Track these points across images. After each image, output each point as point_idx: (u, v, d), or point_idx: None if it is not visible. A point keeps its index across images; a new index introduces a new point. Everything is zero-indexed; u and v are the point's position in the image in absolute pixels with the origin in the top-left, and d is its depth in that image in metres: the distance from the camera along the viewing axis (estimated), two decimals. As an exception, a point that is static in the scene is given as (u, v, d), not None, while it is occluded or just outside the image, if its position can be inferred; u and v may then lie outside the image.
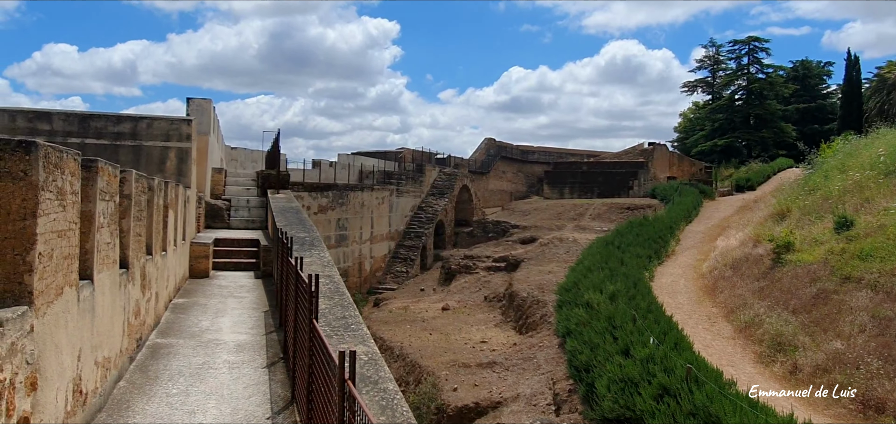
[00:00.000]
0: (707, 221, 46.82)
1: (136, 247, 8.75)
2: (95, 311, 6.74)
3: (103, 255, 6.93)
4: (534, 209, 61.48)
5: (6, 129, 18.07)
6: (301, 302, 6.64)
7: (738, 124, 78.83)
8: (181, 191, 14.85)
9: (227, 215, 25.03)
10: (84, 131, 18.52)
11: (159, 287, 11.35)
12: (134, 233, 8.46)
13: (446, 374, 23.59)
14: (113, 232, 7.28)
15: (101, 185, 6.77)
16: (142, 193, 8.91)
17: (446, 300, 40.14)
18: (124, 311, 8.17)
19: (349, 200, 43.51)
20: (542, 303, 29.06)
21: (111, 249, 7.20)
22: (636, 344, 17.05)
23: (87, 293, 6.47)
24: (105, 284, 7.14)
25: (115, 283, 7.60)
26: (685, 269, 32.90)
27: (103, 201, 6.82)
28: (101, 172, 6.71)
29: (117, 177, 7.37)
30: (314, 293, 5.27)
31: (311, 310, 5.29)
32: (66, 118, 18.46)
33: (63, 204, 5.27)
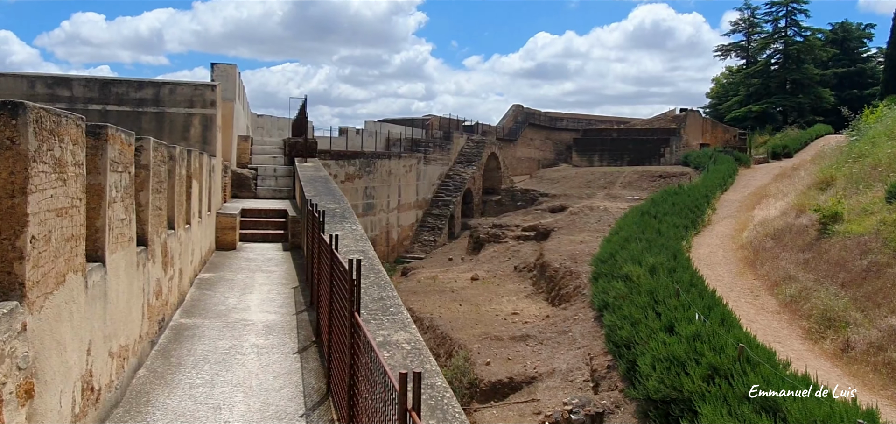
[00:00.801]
0: (743, 189, 45.59)
1: (156, 222, 8.12)
2: (108, 297, 6.09)
3: (117, 233, 6.28)
4: (562, 177, 60.47)
5: (25, 95, 17.46)
6: (338, 288, 5.93)
7: (773, 90, 76.75)
8: (206, 160, 14.19)
9: (253, 185, 24.43)
10: (105, 98, 17.92)
11: (183, 263, 10.74)
12: (153, 207, 7.81)
13: (478, 347, 22.96)
14: (128, 207, 6.59)
15: (111, 155, 6.07)
16: (161, 162, 8.23)
17: (475, 269, 39.50)
18: (144, 293, 7.54)
19: (376, 168, 42.85)
20: (575, 274, 28.28)
21: (126, 225, 6.51)
22: (681, 321, 16.24)
23: (98, 278, 5.80)
24: (120, 265, 6.54)
25: (131, 263, 7.02)
26: (723, 239, 31.91)
27: (115, 172, 6.16)
28: (111, 139, 6.02)
29: (132, 145, 6.66)
30: (356, 283, 4.55)
31: (351, 300, 4.58)
32: (87, 84, 17.86)
33: (63, 177, 4.56)
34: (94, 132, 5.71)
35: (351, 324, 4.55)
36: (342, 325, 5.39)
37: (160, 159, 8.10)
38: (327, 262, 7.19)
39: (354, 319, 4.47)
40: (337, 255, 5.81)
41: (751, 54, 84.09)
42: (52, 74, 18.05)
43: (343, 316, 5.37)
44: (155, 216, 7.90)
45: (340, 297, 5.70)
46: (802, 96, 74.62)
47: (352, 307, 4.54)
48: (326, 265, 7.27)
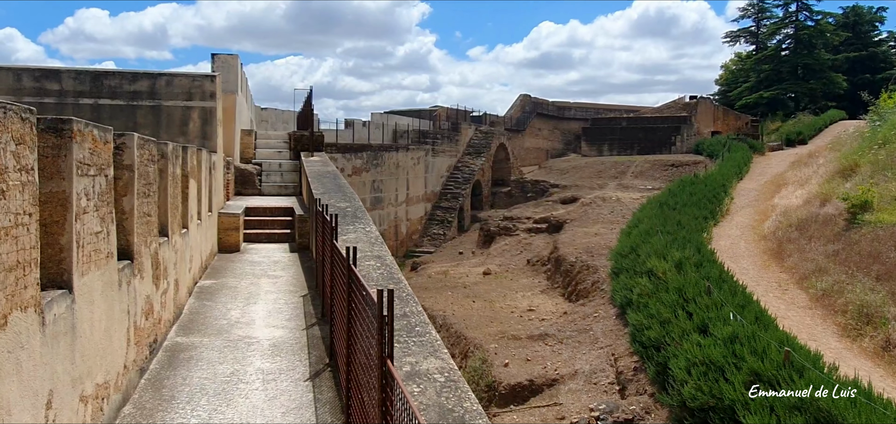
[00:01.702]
0: (759, 177, 44.53)
1: (144, 230, 7.12)
2: (78, 329, 5.05)
3: (90, 250, 5.25)
4: (572, 167, 59.44)
5: (11, 89, 16.46)
6: (359, 314, 4.93)
7: (785, 75, 75.42)
8: (205, 156, 13.11)
9: (258, 181, 23.38)
10: (97, 91, 16.84)
11: (180, 272, 9.74)
12: (140, 213, 6.80)
13: (495, 347, 21.99)
14: (105, 216, 5.55)
15: (79, 155, 4.98)
16: (149, 162, 7.16)
17: (487, 263, 38.61)
18: (129, 315, 6.51)
19: (384, 161, 41.84)
20: (592, 268, 27.27)
21: (103, 239, 5.47)
22: (715, 321, 15.20)
23: (62, 309, 4.72)
24: (94, 288, 5.49)
25: (110, 282, 5.97)
26: (743, 230, 30.85)
27: (86, 176, 5.11)
28: (78, 137, 4.91)
29: (109, 143, 5.59)
30: (386, 321, 3.50)
31: (382, 342, 3.55)
32: (77, 77, 16.77)
33: (1, 187, 3.53)
34: (56, 128, 4.66)
35: (382, 374, 3.54)
36: (366, 362, 4.38)
37: (148, 158, 7.05)
38: (343, 277, 6.20)
39: (387, 368, 3.46)
40: (359, 277, 4.75)
41: (761, 40, 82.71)
42: (40, 67, 17.00)
43: (366, 352, 4.37)
44: (142, 224, 6.86)
45: (362, 326, 4.70)
46: (814, 82, 73.32)
47: (382, 352, 3.53)
48: (342, 279, 6.29)
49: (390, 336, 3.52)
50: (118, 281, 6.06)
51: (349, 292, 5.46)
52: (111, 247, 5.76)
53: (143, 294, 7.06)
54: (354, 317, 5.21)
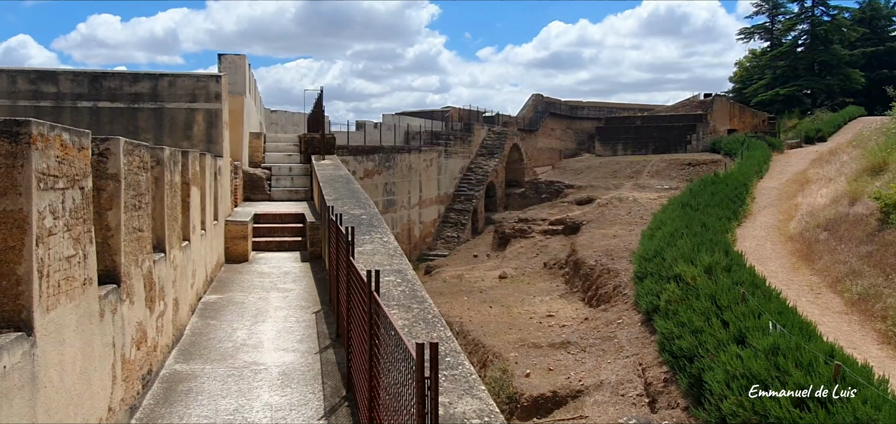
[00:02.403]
0: (780, 176, 43.55)
1: (135, 248, 6.33)
2: (40, 379, 4.12)
3: (58, 278, 4.39)
4: (586, 167, 58.53)
5: (5, 92, 15.63)
6: (385, 355, 4.07)
7: (801, 72, 74.27)
8: (209, 161, 12.22)
9: (267, 186, 22.53)
10: (96, 93, 15.96)
11: (180, 290, 8.90)
12: (129, 229, 6.01)
13: (515, 356, 21.12)
14: (82, 236, 4.67)
15: (42, 165, 4.09)
16: (140, 170, 6.37)
17: (502, 267, 37.81)
18: (114, 348, 5.63)
19: (396, 163, 41.02)
20: (613, 272, 26.37)
21: (78, 264, 4.62)
22: (753, 330, 14.25)
23: (15, 358, 3.79)
24: (65, 324, 4.57)
25: (89, 314, 5.06)
26: (768, 230, 29.87)
27: (52, 190, 4.24)
28: (39, 142, 4.01)
29: (85, 149, 4.73)
30: (430, 382, 2.63)
31: (421, 410, 2.67)
32: (75, 78, 15.89)
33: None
34: (9, 132, 3.76)
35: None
36: (397, 418, 3.51)
37: (138, 166, 6.17)
38: (362, 302, 5.35)
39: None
40: (389, 316, 3.83)
41: (775, 36, 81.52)
42: (36, 69, 16.17)
43: (396, 406, 3.51)
44: (132, 241, 5.99)
45: (389, 368, 3.84)
46: (831, 78, 72.15)
47: (424, 408, 2.66)
48: (361, 304, 5.45)
49: (434, 405, 2.67)
50: (99, 311, 5.16)
51: (371, 323, 4.62)
52: (89, 272, 4.89)
53: (133, 321, 6.18)
54: (379, 355, 4.37)
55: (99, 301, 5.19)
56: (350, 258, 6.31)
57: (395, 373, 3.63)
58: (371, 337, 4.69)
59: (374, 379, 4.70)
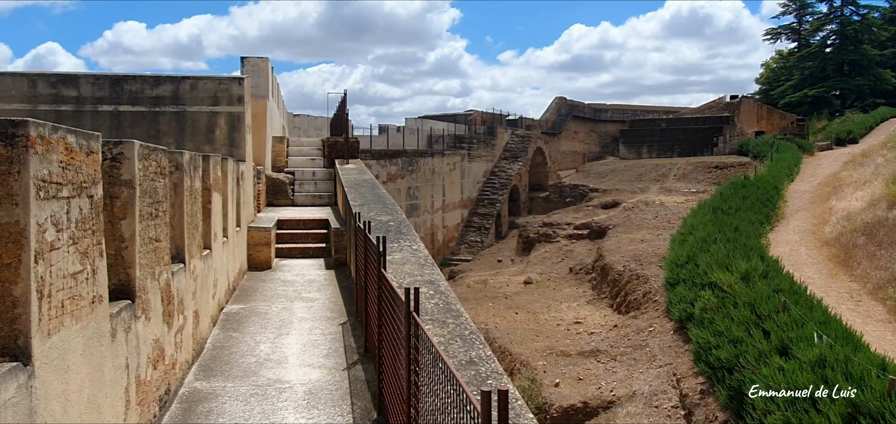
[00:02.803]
0: (811, 178, 42.68)
1: (152, 259, 5.89)
2: (39, 413, 3.61)
3: (62, 297, 3.95)
4: (610, 171, 57.84)
5: (26, 96, 15.33)
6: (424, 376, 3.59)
7: (830, 73, 73.00)
8: (231, 166, 11.78)
9: (290, 191, 22.13)
10: (117, 97, 15.59)
11: (201, 302, 8.46)
12: (145, 239, 5.57)
13: (543, 364, 20.58)
14: (91, 249, 4.21)
15: (42, 171, 3.61)
16: (157, 175, 5.94)
17: (527, 272, 37.30)
18: (127, 370, 5.17)
19: (419, 167, 40.60)
20: (642, 278, 25.73)
21: (86, 280, 4.21)
22: (797, 341, 13.62)
23: (9, 393, 3.30)
24: (70, 348, 4.11)
25: (98, 335, 4.59)
26: (802, 235, 29.10)
27: (54, 199, 3.78)
28: (38, 145, 3.52)
29: (96, 154, 4.29)
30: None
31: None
32: (96, 82, 15.54)
33: None
34: (3, 133, 3.31)
35: None
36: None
37: (155, 171, 5.73)
38: (396, 320, 4.88)
39: None
40: (443, 356, 3.32)
41: (803, 37, 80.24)
42: (57, 73, 15.85)
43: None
44: (148, 252, 5.57)
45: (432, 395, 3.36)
46: (861, 78, 70.85)
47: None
48: (393, 320, 4.98)
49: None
50: (111, 331, 4.69)
51: (410, 347, 4.14)
52: (99, 288, 4.43)
53: (149, 339, 5.73)
54: (419, 382, 3.89)
55: (110, 320, 4.73)
56: (382, 271, 5.83)
57: (442, 412, 3.15)
58: (409, 361, 4.22)
59: (413, 407, 4.22)
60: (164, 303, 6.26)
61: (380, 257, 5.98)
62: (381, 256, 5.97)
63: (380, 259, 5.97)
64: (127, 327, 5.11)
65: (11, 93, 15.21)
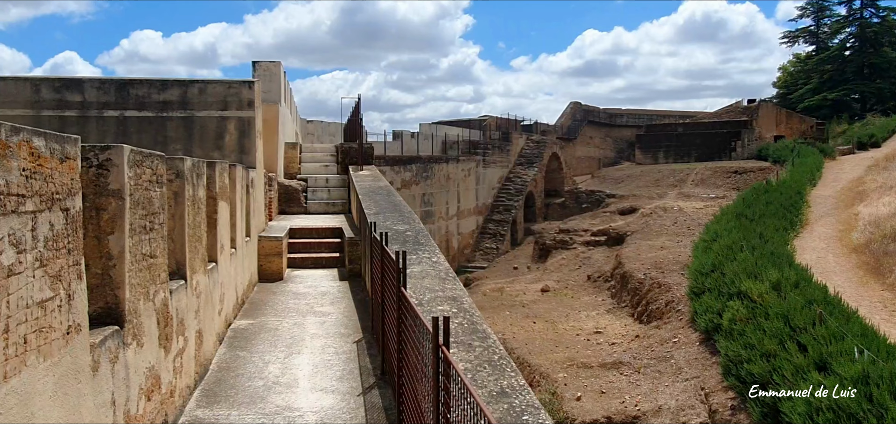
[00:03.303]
0: (834, 183, 41.82)
1: (145, 277, 5.26)
2: None
3: (24, 332, 3.29)
4: (627, 176, 57.09)
5: (29, 101, 14.80)
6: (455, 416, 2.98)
7: (849, 76, 71.85)
8: (240, 173, 11.15)
9: (303, 198, 21.55)
10: (123, 102, 15.01)
11: (204, 320, 7.96)
12: (137, 256, 4.98)
13: (564, 376, 19.90)
14: (65, 272, 3.54)
15: None
16: (152, 184, 5.32)
17: (544, 279, 36.64)
18: (113, 408, 4.57)
19: (433, 173, 40.00)
20: (664, 286, 25.02)
21: (57, 309, 3.55)
22: (836, 356, 12.90)
23: None
24: (35, 392, 3.44)
25: (73, 371, 3.93)
26: (828, 242, 28.28)
27: (14, 215, 3.15)
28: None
29: (73, 160, 3.65)
30: None
31: None
32: (101, 86, 14.97)
33: None
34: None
35: None
36: None
37: (150, 179, 5.10)
38: (418, 345, 4.28)
39: None
40: (478, 400, 2.71)
41: (822, 40, 79.16)
42: (61, 77, 15.30)
43: None
44: (141, 270, 4.96)
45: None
46: (882, 81, 69.71)
47: None
48: (416, 347, 4.37)
49: None
50: (92, 363, 4.05)
51: (438, 385, 3.52)
52: (75, 316, 3.79)
53: (141, 368, 5.06)
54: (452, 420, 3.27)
55: (91, 351, 4.11)
56: (402, 290, 5.23)
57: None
58: (437, 400, 3.61)
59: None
60: (161, 325, 5.64)
61: (399, 275, 5.36)
62: (400, 273, 5.35)
63: (399, 276, 5.35)
64: (113, 357, 4.49)
65: (14, 98, 14.71)
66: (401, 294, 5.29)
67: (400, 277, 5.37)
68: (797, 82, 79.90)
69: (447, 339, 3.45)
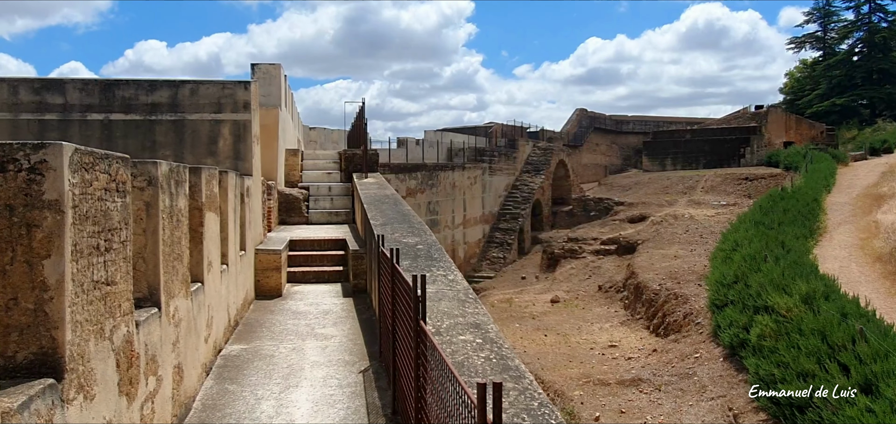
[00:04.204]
0: (848, 190, 40.84)
1: (97, 312, 4.18)
2: None
3: None
4: (634, 183, 56.11)
5: (6, 104, 13.71)
6: None
7: (859, 81, 70.97)
8: (233, 180, 10.03)
9: (304, 208, 20.49)
10: (108, 104, 13.86)
11: (185, 352, 6.86)
12: (85, 285, 3.93)
13: (580, 394, 18.85)
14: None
15: None
16: (110, 194, 4.25)
17: (553, 290, 35.68)
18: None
19: (439, 181, 39.01)
20: (681, 298, 24.02)
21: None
22: (883, 376, 11.85)
23: None
24: None
25: None
26: (850, 250, 27.25)
27: None
28: None
29: None
30: None
31: None
32: (84, 88, 13.81)
33: None
34: None
35: None
36: None
37: (105, 188, 4.03)
38: (443, 397, 3.28)
39: None
40: None
41: (829, 45, 78.31)
42: (41, 78, 14.20)
43: None
44: (92, 302, 3.84)
45: None
46: (891, 87, 68.80)
47: None
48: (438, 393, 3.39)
49: None
50: None
51: None
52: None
53: (86, 430, 4.00)
54: None
55: (3, 421, 3.05)
56: (421, 324, 4.21)
57: None
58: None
59: None
60: (122, 368, 4.54)
61: (417, 305, 4.33)
62: (418, 303, 4.32)
63: (417, 307, 4.32)
64: (45, 421, 3.43)
65: (-9, 99, 13.66)
66: (420, 330, 4.27)
67: (418, 307, 4.35)
68: (804, 88, 79.05)
69: (499, 415, 2.42)
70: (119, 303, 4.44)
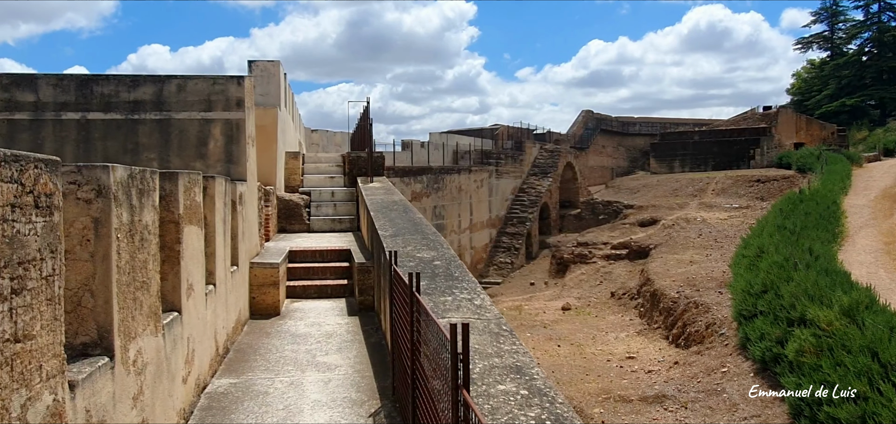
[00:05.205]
0: (865, 192, 39.82)
1: (12, 372, 2.94)
2: None
3: None
4: (642, 186, 55.04)
5: (-27, 102, 12.50)
6: None
7: (868, 81, 69.83)
8: (222, 186, 8.64)
9: (305, 214, 19.22)
10: (85, 102, 12.47)
11: (151, 403, 5.47)
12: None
13: (600, 412, 17.66)
14: None
15: None
16: (23, 211, 2.94)
17: (563, 296, 34.56)
18: None
19: (445, 184, 37.83)
20: (702, 306, 22.84)
21: None
22: (949, 401, 10.64)
23: None
24: None
25: None
26: (876, 255, 26.12)
27: None
28: None
29: None
30: None
31: None
32: (58, 84, 12.37)
33: None
34: None
35: None
36: None
37: (10, 204, 2.84)
38: None
39: None
40: None
41: (836, 45, 77.25)
42: (10, 73, 12.83)
43: None
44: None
45: None
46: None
47: None
48: None
49: None
50: None
51: None
52: None
53: None
54: None
55: None
56: (464, 394, 2.94)
57: None
58: None
59: None
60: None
61: (457, 366, 3.01)
62: (459, 363, 3.01)
63: (457, 369, 3.01)
64: None
65: (-43, 98, 12.35)
66: (462, 402, 3.00)
67: (457, 368, 3.04)
68: (812, 89, 77.95)
69: None
70: (39, 364, 3.18)
